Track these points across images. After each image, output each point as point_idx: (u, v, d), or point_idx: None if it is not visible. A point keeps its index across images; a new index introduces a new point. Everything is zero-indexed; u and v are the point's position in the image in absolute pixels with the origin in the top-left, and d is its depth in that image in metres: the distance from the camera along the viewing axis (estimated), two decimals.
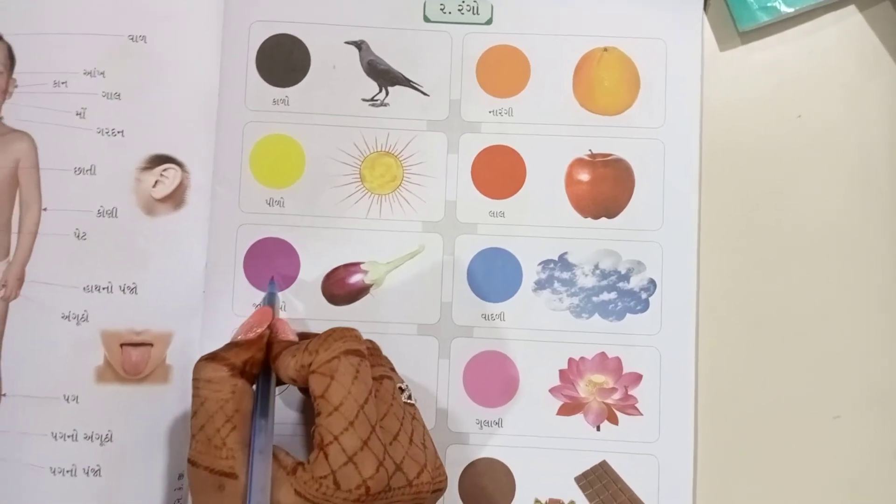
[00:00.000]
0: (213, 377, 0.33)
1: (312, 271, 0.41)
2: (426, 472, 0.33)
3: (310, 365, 0.32)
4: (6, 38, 0.41)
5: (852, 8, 0.43)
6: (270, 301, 0.38)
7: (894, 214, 0.41)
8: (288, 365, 0.33)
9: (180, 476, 0.40)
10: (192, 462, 0.32)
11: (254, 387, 0.34)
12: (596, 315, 0.40)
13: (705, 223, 0.41)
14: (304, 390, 0.33)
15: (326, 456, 0.31)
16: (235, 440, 0.32)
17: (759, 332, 0.41)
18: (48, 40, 0.41)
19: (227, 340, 0.35)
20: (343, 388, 0.31)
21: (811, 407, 0.40)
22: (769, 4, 0.41)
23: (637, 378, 0.40)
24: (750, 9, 0.41)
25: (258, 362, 0.34)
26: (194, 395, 0.33)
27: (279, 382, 0.35)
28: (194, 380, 0.33)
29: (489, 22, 0.42)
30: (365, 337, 0.40)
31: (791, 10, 0.41)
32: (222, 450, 0.32)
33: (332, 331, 0.33)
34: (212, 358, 0.33)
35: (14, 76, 0.41)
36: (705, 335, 0.40)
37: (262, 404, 0.33)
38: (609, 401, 0.40)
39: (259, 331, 0.35)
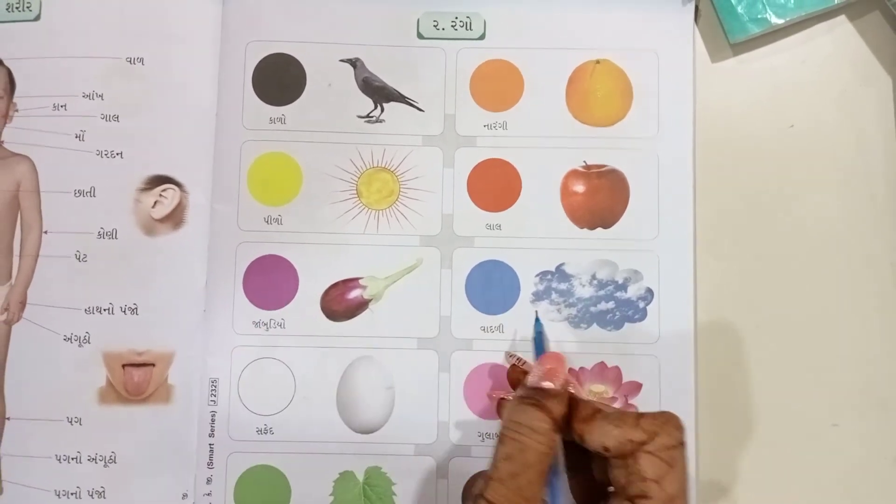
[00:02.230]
0: (539, 428, 0.30)
1: (311, 287, 0.41)
2: None
3: (642, 443, 0.30)
4: (6, 62, 0.42)
5: (843, 18, 0.43)
6: (541, 340, 0.37)
7: (889, 221, 0.41)
8: (607, 433, 0.31)
9: (184, 495, 0.40)
10: None
11: None
12: (594, 325, 0.41)
13: (701, 231, 0.41)
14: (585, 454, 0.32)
15: None
16: (542, 496, 0.30)
17: (756, 338, 0.41)
18: (47, 64, 0.42)
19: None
20: (679, 481, 0.30)
21: (810, 413, 0.41)
22: (759, 16, 0.42)
23: (637, 387, 0.40)
24: (740, 21, 0.42)
25: (566, 417, 0.32)
26: (511, 439, 0.31)
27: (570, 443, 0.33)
28: (513, 422, 0.31)
29: (482, 37, 0.42)
30: (364, 352, 0.41)
31: (781, 21, 0.42)
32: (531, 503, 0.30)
33: (670, 417, 0.31)
34: (538, 405, 0.31)
35: (14, 100, 0.41)
36: (703, 342, 0.41)
37: (555, 464, 0.32)
38: None
39: (563, 380, 0.33)
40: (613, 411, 0.32)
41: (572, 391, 0.32)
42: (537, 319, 0.39)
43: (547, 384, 0.33)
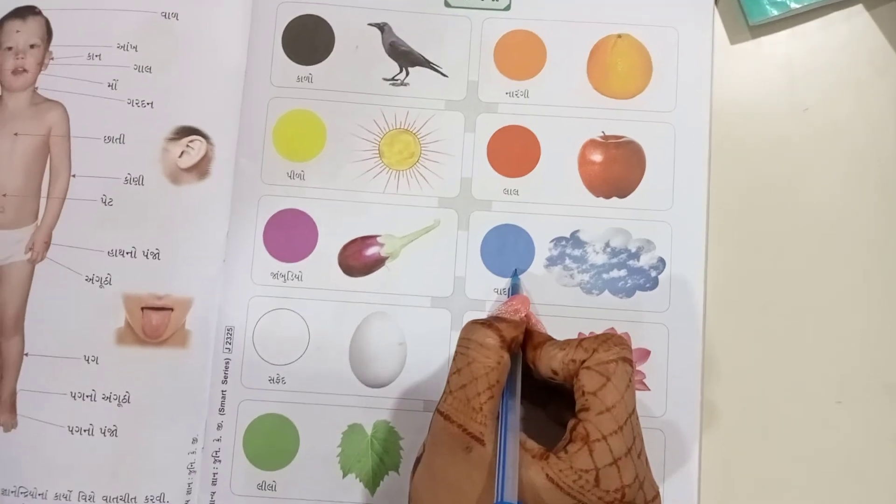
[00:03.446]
0: (485, 342, 0.33)
1: (330, 243, 0.42)
2: (658, 500, 0.32)
3: (583, 361, 0.32)
4: (44, 12, 0.43)
5: (860, 7, 0.44)
6: (517, 290, 0.40)
7: None
8: (553, 356, 0.33)
9: (194, 440, 0.40)
10: (444, 415, 0.32)
11: None
12: (606, 292, 0.41)
13: (714, 204, 0.42)
14: (543, 385, 0.34)
15: (591, 452, 0.31)
16: (490, 409, 0.32)
17: (764, 311, 0.41)
18: (84, 15, 0.43)
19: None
20: (618, 391, 0.31)
21: (815, 387, 0.41)
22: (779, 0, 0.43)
23: (645, 354, 0.41)
24: (760, 3, 0.43)
25: (518, 344, 0.35)
26: (461, 353, 0.33)
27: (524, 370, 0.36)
28: (464, 339, 0.33)
29: (507, 8, 0.43)
30: (379, 308, 0.41)
31: (799, 6, 0.43)
32: (478, 414, 0.31)
33: (610, 335, 0.34)
34: (487, 324, 0.34)
35: (50, 49, 0.43)
36: (713, 313, 0.41)
37: (510, 385, 0.34)
38: None
39: (523, 315, 0.35)
40: (564, 340, 0.34)
41: (521, 317, 0.36)
42: (515, 273, 0.41)
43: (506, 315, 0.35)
